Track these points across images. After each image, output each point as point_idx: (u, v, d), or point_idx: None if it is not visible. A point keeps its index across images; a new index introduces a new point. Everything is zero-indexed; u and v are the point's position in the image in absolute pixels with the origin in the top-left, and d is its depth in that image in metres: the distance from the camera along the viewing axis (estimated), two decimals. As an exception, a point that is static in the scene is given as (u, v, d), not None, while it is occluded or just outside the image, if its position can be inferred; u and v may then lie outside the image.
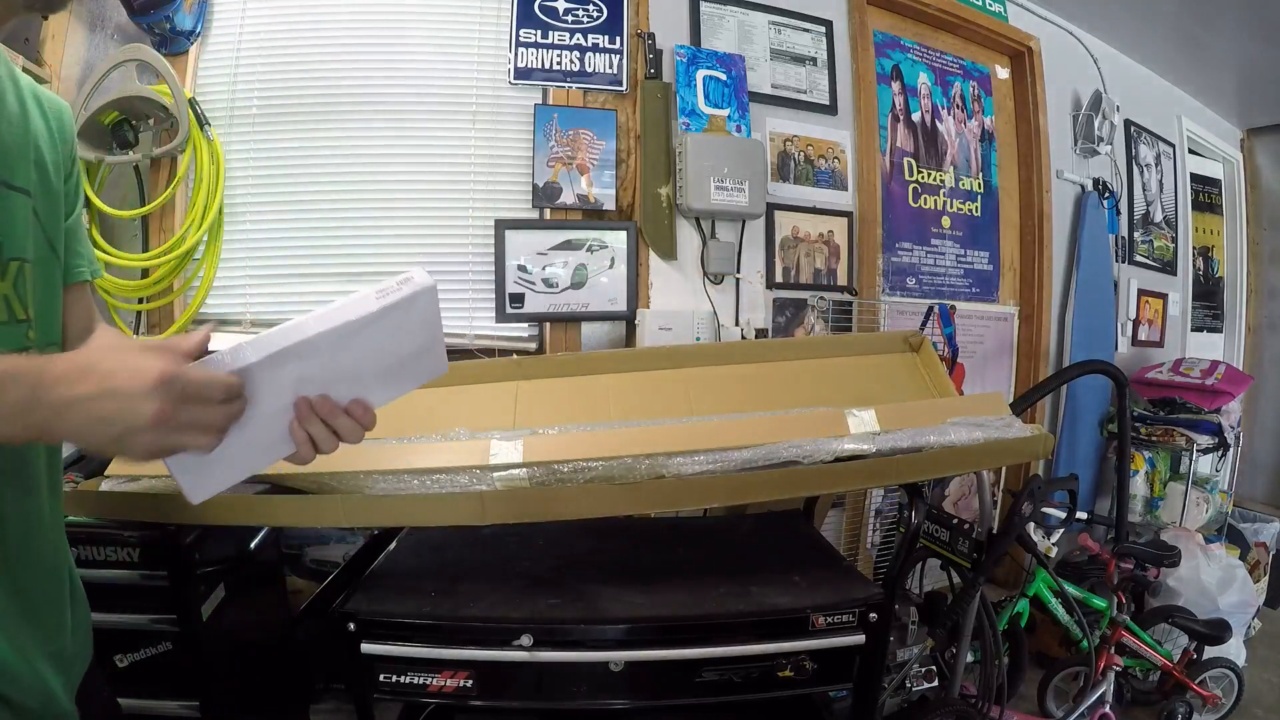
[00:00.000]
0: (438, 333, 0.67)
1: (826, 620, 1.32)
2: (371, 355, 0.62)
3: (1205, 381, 2.90)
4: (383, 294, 0.59)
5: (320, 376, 0.60)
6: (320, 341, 0.57)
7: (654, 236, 2.21)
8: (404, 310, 0.60)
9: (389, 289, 0.60)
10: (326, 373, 0.60)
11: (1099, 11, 3.08)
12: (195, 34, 1.95)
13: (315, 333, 0.56)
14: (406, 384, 0.68)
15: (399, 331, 0.62)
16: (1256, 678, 2.36)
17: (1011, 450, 1.40)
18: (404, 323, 0.62)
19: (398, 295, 0.59)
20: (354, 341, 0.59)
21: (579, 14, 2.18)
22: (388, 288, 0.60)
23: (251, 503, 1.28)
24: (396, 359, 0.64)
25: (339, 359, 0.59)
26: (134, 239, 1.93)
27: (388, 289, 0.59)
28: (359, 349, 0.60)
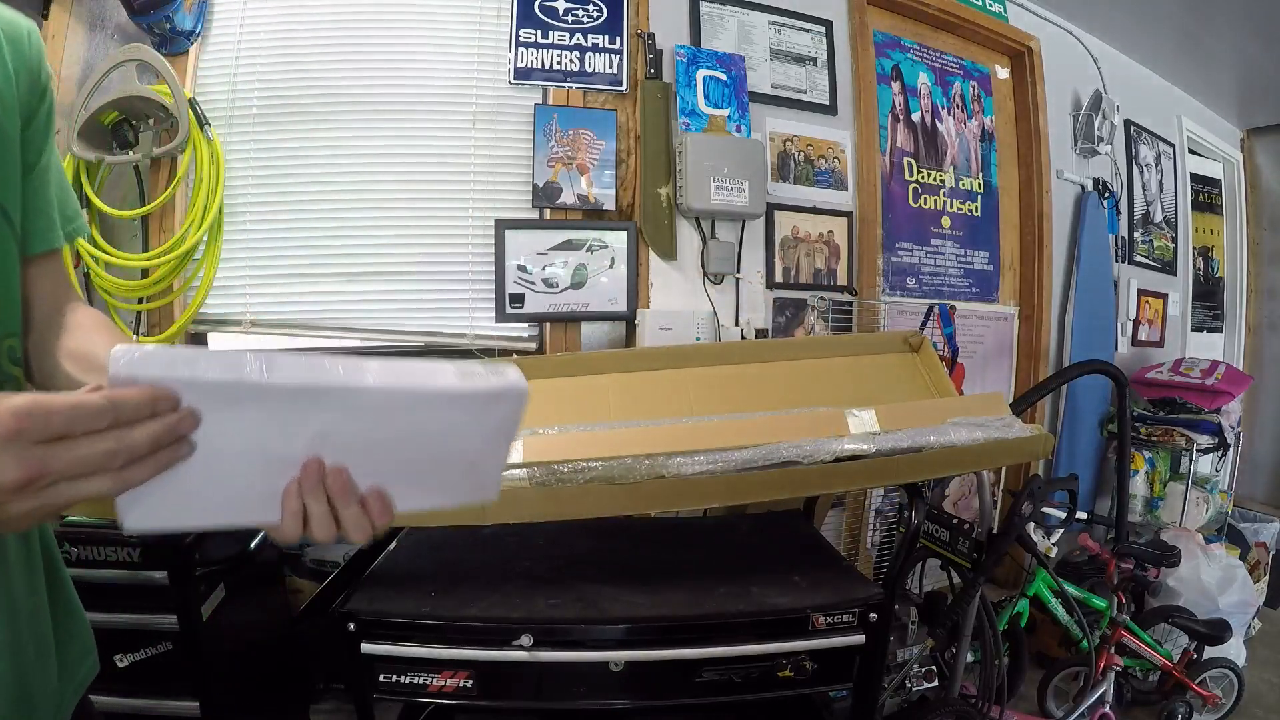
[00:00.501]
0: (505, 450, 0.54)
1: (826, 620, 1.32)
2: (420, 443, 0.49)
3: (1205, 381, 2.90)
4: (466, 375, 0.47)
5: (348, 442, 0.47)
6: (373, 398, 0.45)
7: (654, 236, 2.21)
8: (482, 405, 0.49)
9: (475, 372, 0.48)
10: (358, 440, 0.47)
11: (1099, 11, 3.08)
12: (195, 34, 1.95)
13: (373, 385, 0.44)
14: (442, 497, 0.53)
15: (465, 428, 0.50)
16: (1256, 678, 2.36)
17: (1011, 450, 1.40)
18: (475, 419, 0.50)
19: (483, 384, 0.48)
20: (409, 416, 0.47)
21: (579, 14, 2.18)
22: (473, 370, 0.48)
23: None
24: (445, 460, 0.51)
25: (381, 429, 0.47)
26: (134, 239, 1.93)
27: (473, 371, 0.48)
28: (409, 428, 0.47)
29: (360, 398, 0.45)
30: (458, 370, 0.48)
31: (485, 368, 0.49)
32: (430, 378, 0.47)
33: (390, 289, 2.10)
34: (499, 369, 0.49)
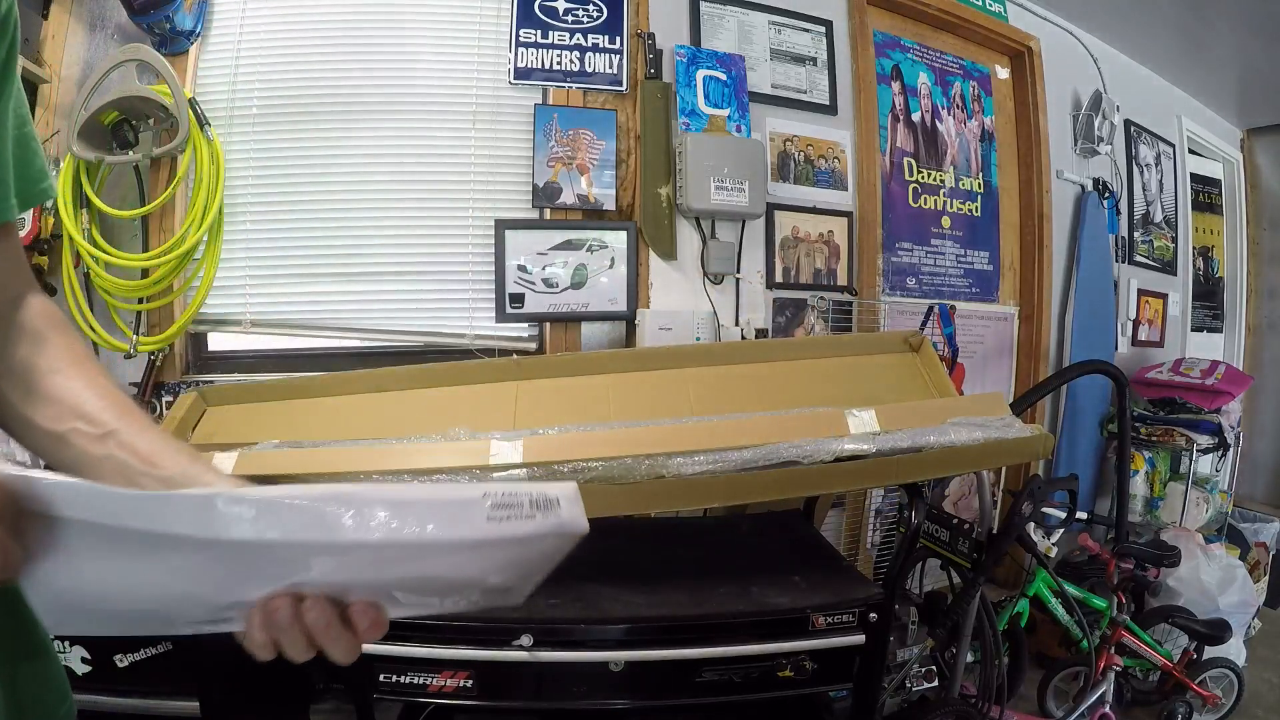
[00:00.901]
0: (543, 572, 0.43)
1: (826, 620, 1.32)
2: (428, 571, 0.40)
3: (1205, 381, 2.90)
4: (503, 511, 0.37)
5: (336, 580, 0.39)
6: (374, 552, 0.37)
7: (654, 236, 2.21)
8: (521, 546, 0.38)
9: (513, 504, 0.37)
10: (345, 572, 0.39)
11: (1099, 11, 3.08)
12: (195, 34, 1.95)
13: (377, 540, 0.36)
14: (452, 603, 0.43)
15: (494, 562, 0.40)
16: (1256, 678, 2.36)
17: (1011, 450, 1.40)
18: (510, 557, 0.40)
19: (525, 527, 0.37)
20: (425, 563, 0.38)
21: (579, 14, 2.18)
22: (512, 502, 0.37)
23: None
24: (461, 583, 0.41)
25: (386, 572, 0.39)
26: (134, 239, 1.93)
27: (512, 504, 0.37)
28: (416, 564, 0.39)
29: (358, 551, 0.36)
30: (493, 505, 0.37)
31: (530, 494, 0.38)
32: (450, 521, 0.37)
33: (390, 289, 2.10)
34: (547, 496, 0.38)
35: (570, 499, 0.39)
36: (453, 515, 0.37)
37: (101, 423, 0.51)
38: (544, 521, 0.38)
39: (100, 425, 0.50)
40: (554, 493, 0.38)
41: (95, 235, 1.84)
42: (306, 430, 1.51)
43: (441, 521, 0.37)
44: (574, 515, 0.39)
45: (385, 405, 1.58)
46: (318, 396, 1.62)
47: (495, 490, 0.37)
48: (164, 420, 1.61)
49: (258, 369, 2.05)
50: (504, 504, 0.37)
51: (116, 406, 0.53)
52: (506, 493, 0.37)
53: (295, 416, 1.57)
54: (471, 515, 0.37)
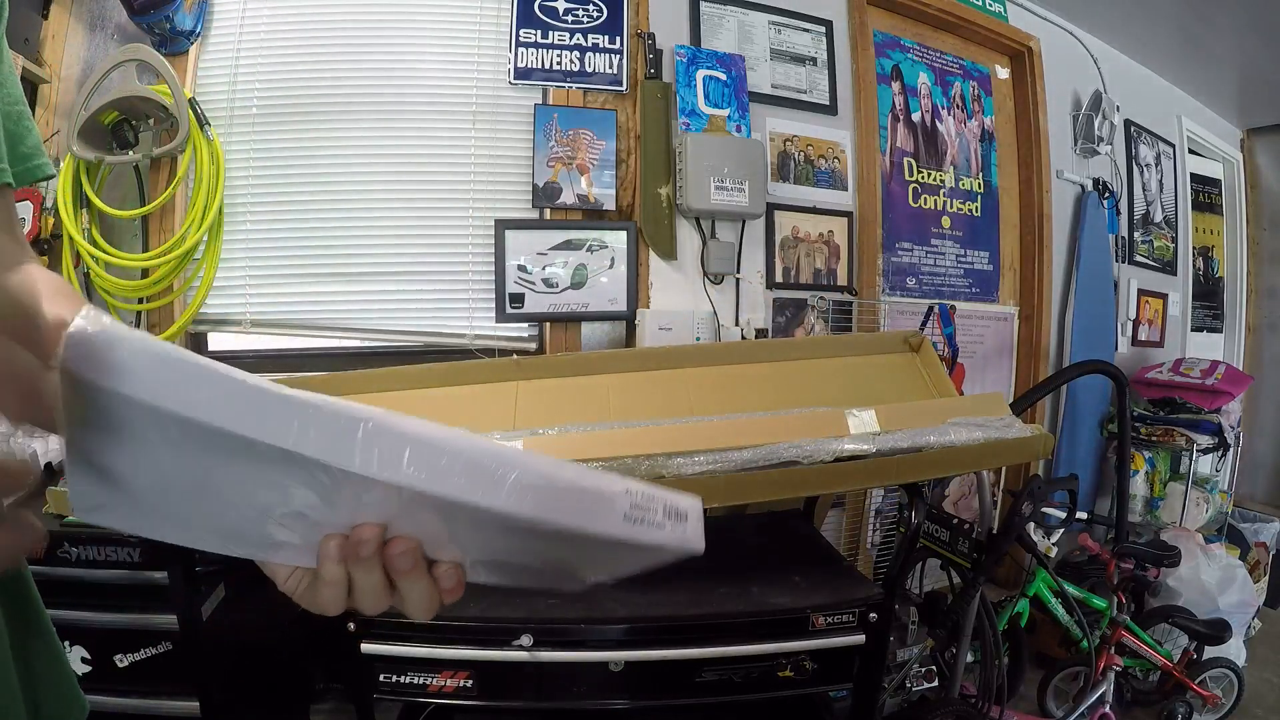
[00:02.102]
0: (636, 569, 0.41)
1: (826, 620, 1.32)
2: (542, 552, 0.38)
3: (1205, 381, 2.90)
4: (639, 513, 0.35)
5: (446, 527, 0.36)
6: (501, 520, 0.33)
7: (654, 236, 2.21)
8: (640, 551, 0.37)
9: (649, 508, 0.35)
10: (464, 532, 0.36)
11: (1099, 11, 3.08)
12: (195, 34, 1.95)
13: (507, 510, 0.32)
14: (531, 581, 0.42)
15: (605, 558, 0.39)
16: (1256, 678, 2.36)
17: (1011, 450, 1.40)
18: (622, 557, 0.38)
19: (654, 535, 0.35)
20: (545, 539, 0.35)
21: (579, 14, 2.18)
22: (648, 505, 0.35)
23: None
24: (561, 570, 0.41)
25: (497, 538, 0.36)
26: (134, 239, 1.93)
27: (648, 507, 0.35)
28: (536, 544, 0.36)
29: (483, 515, 0.32)
30: (633, 502, 0.35)
31: (664, 501, 0.36)
32: (593, 515, 0.34)
33: (390, 289, 2.10)
34: (679, 507, 0.36)
35: (697, 516, 0.37)
36: (593, 506, 0.34)
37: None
38: (672, 533, 0.36)
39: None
40: (685, 505, 0.37)
41: (95, 235, 1.84)
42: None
43: (582, 510, 0.34)
44: (697, 533, 0.37)
45: (385, 405, 1.58)
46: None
47: (635, 489, 0.35)
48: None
49: (258, 369, 2.02)
50: (641, 505, 0.35)
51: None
52: (644, 494, 0.35)
53: (295, 416, 1.57)
54: (611, 510, 0.34)
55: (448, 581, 0.38)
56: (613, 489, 0.34)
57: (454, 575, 0.38)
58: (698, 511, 0.37)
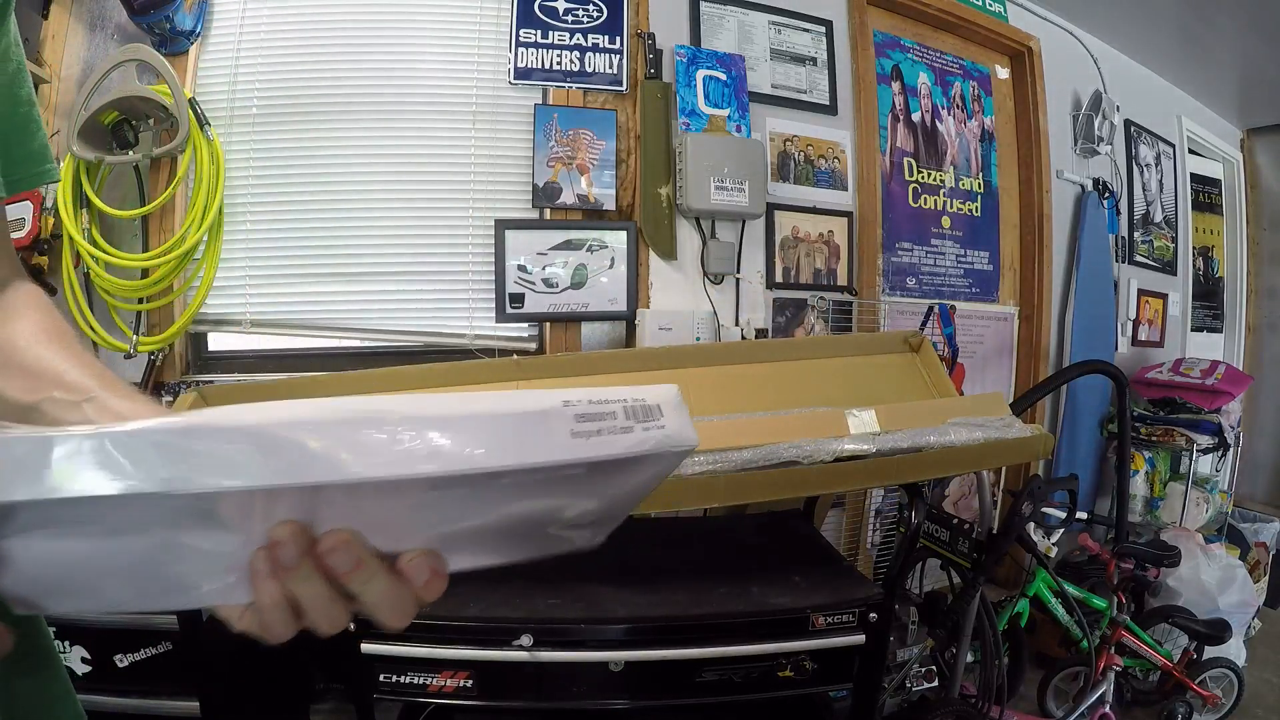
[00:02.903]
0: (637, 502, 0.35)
1: (826, 620, 1.32)
2: (496, 509, 0.32)
3: (1205, 381, 2.90)
4: (591, 424, 0.28)
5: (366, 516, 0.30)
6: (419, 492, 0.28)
7: (654, 236, 2.21)
8: (615, 470, 0.31)
9: (602, 415, 0.29)
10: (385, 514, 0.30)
11: (1099, 11, 3.08)
12: (195, 34, 1.95)
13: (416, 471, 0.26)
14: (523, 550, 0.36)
15: (579, 491, 0.32)
16: (1256, 678, 2.36)
17: (1011, 450, 1.40)
18: (600, 483, 0.32)
19: (621, 443, 0.29)
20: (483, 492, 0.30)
21: (579, 14, 2.18)
22: (600, 411, 0.29)
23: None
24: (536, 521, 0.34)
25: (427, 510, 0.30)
26: (134, 239, 1.93)
27: (601, 414, 0.29)
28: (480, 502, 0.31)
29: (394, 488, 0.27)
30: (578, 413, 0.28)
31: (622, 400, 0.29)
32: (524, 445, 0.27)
33: (390, 289, 2.10)
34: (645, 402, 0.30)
35: (673, 405, 0.30)
36: (523, 433, 0.27)
37: (82, 389, 0.46)
38: (644, 435, 0.29)
39: (80, 392, 0.46)
40: (653, 397, 0.30)
41: (95, 235, 1.84)
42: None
43: (510, 443, 0.27)
44: (680, 425, 0.30)
45: (385, 405, 1.58)
46: (318, 397, 1.62)
47: (577, 396, 0.28)
48: (164, 420, 1.61)
49: (258, 369, 2.05)
50: (591, 415, 0.28)
51: (97, 375, 0.48)
52: (593, 399, 0.29)
53: (295, 416, 1.57)
54: (549, 432, 0.27)
55: (418, 574, 0.31)
56: (547, 405, 0.28)
57: (423, 566, 0.31)
58: (673, 400, 0.30)
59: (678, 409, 0.31)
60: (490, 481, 0.28)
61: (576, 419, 0.28)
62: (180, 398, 1.63)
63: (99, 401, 0.45)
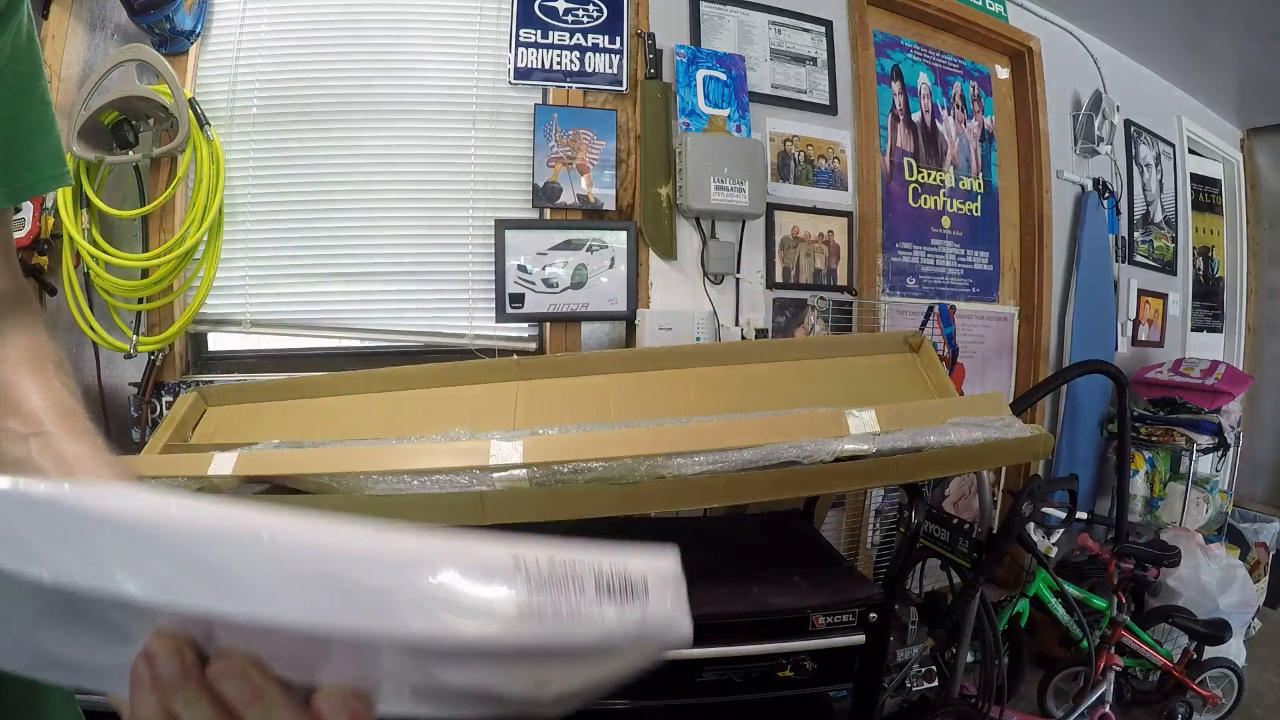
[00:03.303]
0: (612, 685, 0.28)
1: (826, 620, 1.32)
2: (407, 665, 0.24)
3: (1205, 381, 2.90)
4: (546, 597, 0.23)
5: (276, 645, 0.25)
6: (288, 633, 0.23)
7: (654, 236, 2.21)
8: (576, 659, 0.25)
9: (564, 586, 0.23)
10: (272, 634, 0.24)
11: (1099, 11, 3.08)
12: (195, 34, 1.95)
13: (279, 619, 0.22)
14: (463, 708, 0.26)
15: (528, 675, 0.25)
16: (1256, 678, 2.36)
17: (1011, 450, 1.40)
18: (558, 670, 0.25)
19: (584, 633, 0.23)
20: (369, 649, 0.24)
21: (579, 14, 2.18)
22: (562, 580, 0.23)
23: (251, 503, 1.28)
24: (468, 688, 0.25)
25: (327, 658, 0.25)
26: (134, 239, 1.93)
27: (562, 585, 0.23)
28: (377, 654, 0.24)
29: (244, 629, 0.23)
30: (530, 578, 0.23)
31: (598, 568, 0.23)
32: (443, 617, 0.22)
33: (390, 289, 2.10)
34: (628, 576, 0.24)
35: (665, 581, 0.24)
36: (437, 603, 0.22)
37: (34, 422, 0.45)
38: (618, 620, 0.23)
39: (32, 424, 0.45)
40: (637, 570, 0.23)
41: (95, 235, 1.84)
42: (306, 430, 1.51)
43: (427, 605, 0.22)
44: (667, 610, 0.24)
45: (385, 405, 1.58)
46: (318, 396, 1.62)
47: (531, 558, 0.22)
48: (164, 420, 1.61)
49: (258, 369, 2.05)
50: (549, 581, 0.22)
51: (58, 408, 0.46)
52: (555, 562, 0.22)
53: (295, 416, 1.57)
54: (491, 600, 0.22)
55: (335, 715, 0.25)
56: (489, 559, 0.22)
57: (342, 707, 0.25)
58: (666, 576, 0.24)
59: (669, 587, 0.24)
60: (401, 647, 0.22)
61: (529, 585, 0.22)
62: (180, 398, 1.63)
63: (46, 439, 0.44)
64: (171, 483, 1.23)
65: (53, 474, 0.42)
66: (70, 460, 0.43)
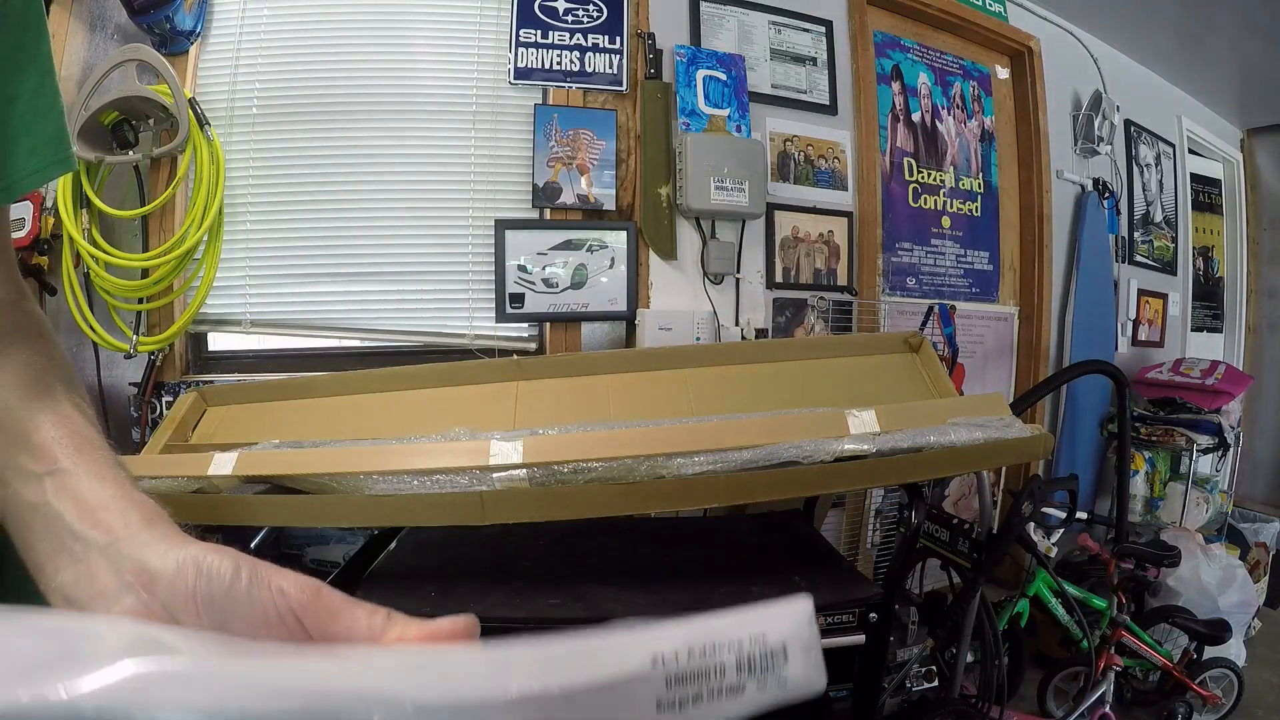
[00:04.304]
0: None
1: (826, 620, 1.32)
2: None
3: (1205, 381, 2.90)
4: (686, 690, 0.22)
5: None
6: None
7: (654, 236, 2.21)
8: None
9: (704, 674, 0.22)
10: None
11: (1099, 11, 3.08)
12: (195, 34, 1.95)
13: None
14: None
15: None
16: (1256, 678, 2.36)
17: (1011, 450, 1.40)
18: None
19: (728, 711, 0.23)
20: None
21: (579, 14, 2.18)
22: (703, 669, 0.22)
23: (251, 503, 1.28)
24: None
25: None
26: (134, 239, 1.93)
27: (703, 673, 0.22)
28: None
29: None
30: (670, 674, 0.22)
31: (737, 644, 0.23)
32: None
33: (390, 289, 2.10)
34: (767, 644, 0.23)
35: (804, 642, 0.23)
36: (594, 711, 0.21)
37: (49, 458, 0.40)
38: (759, 695, 0.22)
39: (45, 461, 0.40)
40: (776, 637, 0.23)
41: (95, 235, 1.84)
42: (307, 430, 1.51)
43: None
44: (806, 671, 0.23)
45: (385, 405, 1.58)
46: (318, 396, 1.62)
47: (672, 647, 0.21)
48: (164, 420, 1.61)
49: (258, 369, 2.05)
50: (689, 675, 0.21)
51: (74, 439, 0.41)
52: (696, 649, 0.21)
53: (295, 416, 1.57)
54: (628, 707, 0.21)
55: None
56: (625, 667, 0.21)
57: None
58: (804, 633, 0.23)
59: (808, 648, 0.23)
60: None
61: (668, 684, 0.21)
62: (180, 398, 1.63)
63: (62, 477, 0.39)
64: (171, 483, 1.23)
65: (69, 525, 0.36)
66: (91, 505, 0.38)
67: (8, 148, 0.46)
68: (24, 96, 0.47)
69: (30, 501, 0.38)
